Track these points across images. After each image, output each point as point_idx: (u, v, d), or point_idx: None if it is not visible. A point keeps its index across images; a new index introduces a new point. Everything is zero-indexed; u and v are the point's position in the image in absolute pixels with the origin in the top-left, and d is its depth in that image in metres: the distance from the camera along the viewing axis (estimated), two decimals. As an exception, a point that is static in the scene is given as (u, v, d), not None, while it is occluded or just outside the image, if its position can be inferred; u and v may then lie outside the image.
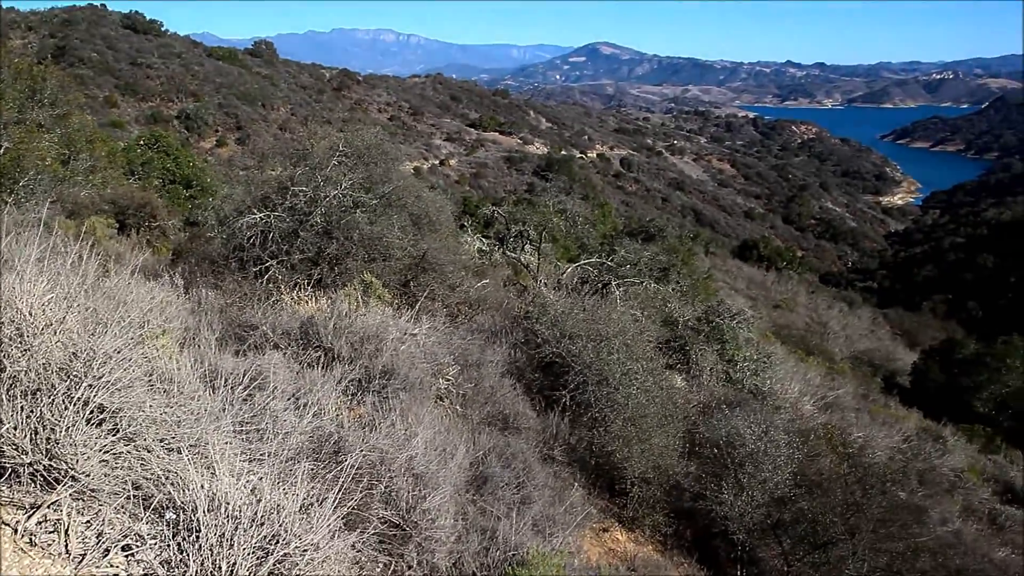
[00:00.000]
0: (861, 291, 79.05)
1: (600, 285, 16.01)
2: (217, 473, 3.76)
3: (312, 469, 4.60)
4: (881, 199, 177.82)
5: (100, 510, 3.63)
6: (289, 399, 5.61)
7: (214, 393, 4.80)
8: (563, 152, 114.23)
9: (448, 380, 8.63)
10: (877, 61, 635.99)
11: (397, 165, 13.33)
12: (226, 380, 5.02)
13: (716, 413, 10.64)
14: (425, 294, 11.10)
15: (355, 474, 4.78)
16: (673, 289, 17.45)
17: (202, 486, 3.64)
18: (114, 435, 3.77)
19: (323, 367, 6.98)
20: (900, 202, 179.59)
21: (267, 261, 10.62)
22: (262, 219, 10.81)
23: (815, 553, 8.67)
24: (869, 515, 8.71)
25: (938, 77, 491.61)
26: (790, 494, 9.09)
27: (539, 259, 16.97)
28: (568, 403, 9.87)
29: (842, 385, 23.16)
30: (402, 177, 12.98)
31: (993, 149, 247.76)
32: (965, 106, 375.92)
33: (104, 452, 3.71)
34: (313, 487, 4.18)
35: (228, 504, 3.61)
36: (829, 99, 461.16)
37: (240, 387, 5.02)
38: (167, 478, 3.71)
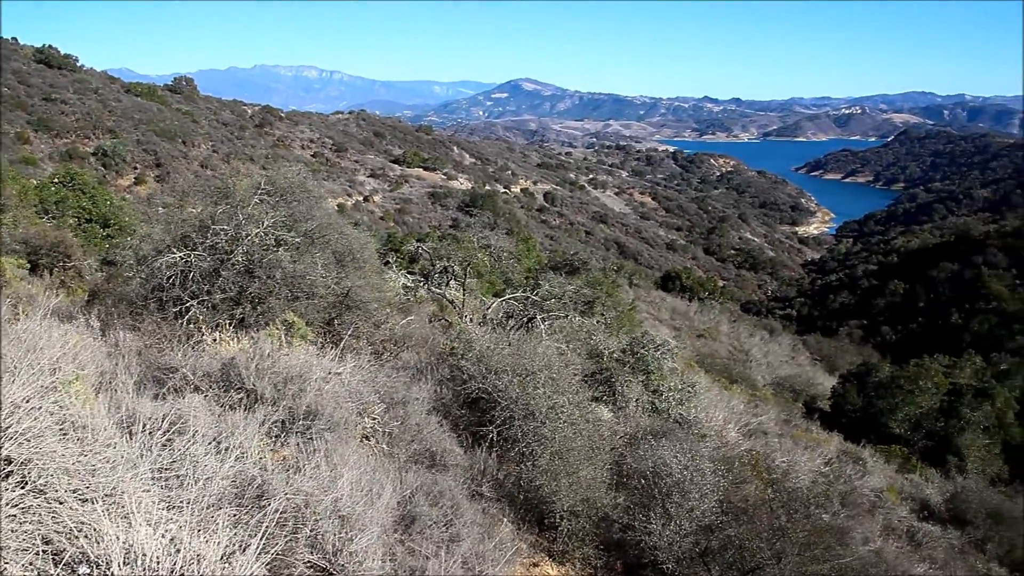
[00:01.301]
0: (781, 319, 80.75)
1: (525, 319, 16.06)
2: (133, 523, 3.64)
3: (235, 515, 4.50)
4: (797, 229, 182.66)
5: (5, 569, 3.48)
6: (210, 443, 5.48)
7: (131, 439, 4.67)
8: (487, 187, 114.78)
9: (374, 419, 8.53)
10: (790, 97, 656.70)
11: (320, 202, 13.22)
12: (144, 425, 4.89)
13: (642, 444, 10.72)
14: (349, 332, 10.99)
15: (279, 518, 4.69)
16: (598, 321, 17.60)
17: (117, 537, 3.52)
18: (22, 488, 3.63)
19: (245, 409, 6.85)
20: (815, 231, 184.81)
21: (187, 301, 10.40)
22: (182, 258, 10.60)
23: (743, 579, 8.76)
24: (794, 539, 8.83)
25: (847, 112, 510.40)
26: (717, 521, 9.17)
27: (464, 295, 16.96)
28: (495, 438, 9.84)
29: (765, 411, 23.51)
30: (325, 214, 12.87)
31: (900, 180, 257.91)
32: (872, 139, 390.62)
33: (11, 506, 3.57)
34: (236, 533, 4.08)
35: (145, 556, 3.50)
36: (745, 133, 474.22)
37: (159, 432, 4.90)
38: (80, 530, 3.58)
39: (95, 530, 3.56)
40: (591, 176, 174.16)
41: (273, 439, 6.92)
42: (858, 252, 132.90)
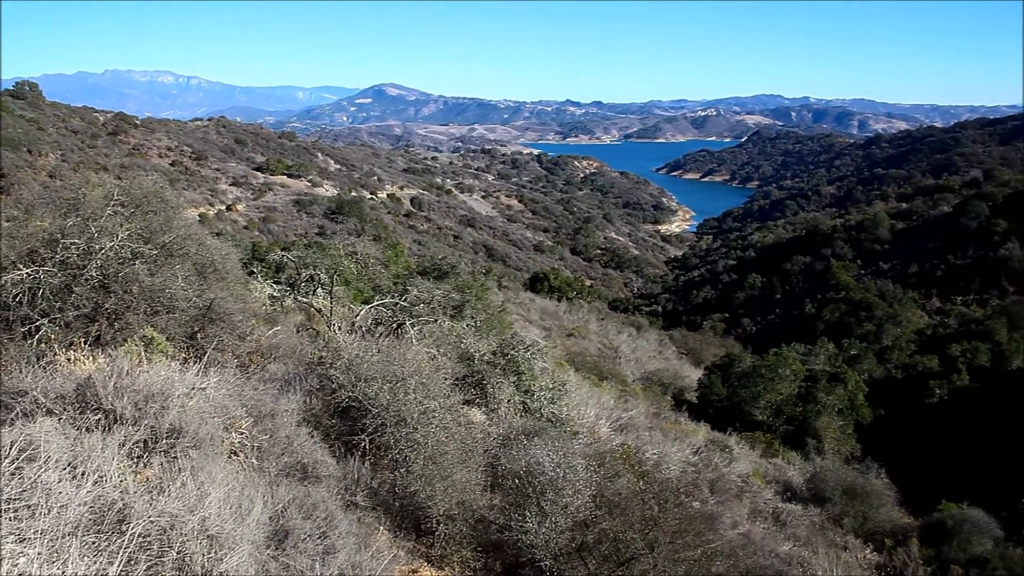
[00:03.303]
0: (648, 315, 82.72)
1: (395, 325, 15.97)
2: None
3: (93, 542, 4.31)
4: (660, 227, 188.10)
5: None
6: (64, 469, 5.24)
7: (-24, 470, 4.42)
8: (353, 193, 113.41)
9: (241, 433, 8.32)
10: (649, 99, 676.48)
11: (179, 212, 12.79)
12: (-10, 454, 4.63)
13: (515, 444, 10.82)
14: (213, 345, 10.69)
15: (143, 542, 4.52)
16: (468, 325, 17.67)
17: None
18: None
19: (104, 430, 6.57)
20: (677, 229, 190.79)
21: (37, 320, 9.89)
22: (29, 275, 10.07)
23: (619, 570, 8.92)
24: (666, 528, 9.07)
25: (703, 114, 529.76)
26: (591, 516, 9.32)
27: (332, 303, 16.73)
28: (368, 447, 9.75)
29: (635, 406, 23.97)
30: (185, 225, 12.45)
31: (754, 178, 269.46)
32: (728, 139, 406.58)
33: None
34: (95, 561, 3.92)
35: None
36: (607, 135, 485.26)
37: (7, 460, 4.65)
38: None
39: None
40: (458, 180, 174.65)
41: (135, 460, 6.66)
42: (718, 248, 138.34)
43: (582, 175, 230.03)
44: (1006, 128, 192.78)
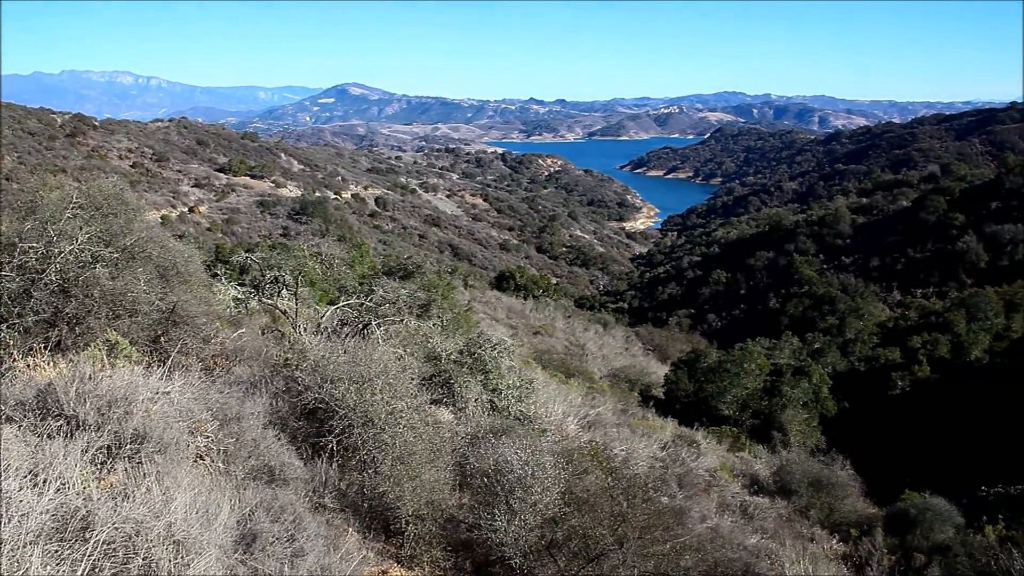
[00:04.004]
0: (614, 312, 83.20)
1: (361, 326, 15.91)
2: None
3: (56, 551, 4.25)
4: (625, 225, 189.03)
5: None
6: (25, 477, 5.16)
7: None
8: (317, 194, 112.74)
9: (207, 437, 8.24)
10: (612, 97, 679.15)
11: (140, 215, 12.62)
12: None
13: (483, 443, 10.83)
14: (177, 349, 10.58)
15: (107, 549, 4.47)
16: (434, 324, 17.65)
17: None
18: None
19: (66, 437, 6.48)
20: (642, 226, 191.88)
21: (-6, 326, 9.72)
22: (-14, 281, 9.90)
23: (589, 566, 8.94)
24: (635, 523, 9.11)
25: (666, 111, 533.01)
26: (560, 513, 9.35)
27: (297, 304, 16.62)
28: (335, 448, 9.70)
29: (602, 403, 24.03)
30: (146, 227, 12.29)
31: (717, 175, 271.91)
32: (691, 137, 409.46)
33: None
34: (58, 570, 3.87)
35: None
36: (571, 133, 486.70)
37: (-35, 469, 4.57)
38: None
39: None
40: (422, 180, 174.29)
41: (98, 466, 6.57)
42: (682, 245, 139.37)
43: (547, 173, 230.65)
44: (961, 124, 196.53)
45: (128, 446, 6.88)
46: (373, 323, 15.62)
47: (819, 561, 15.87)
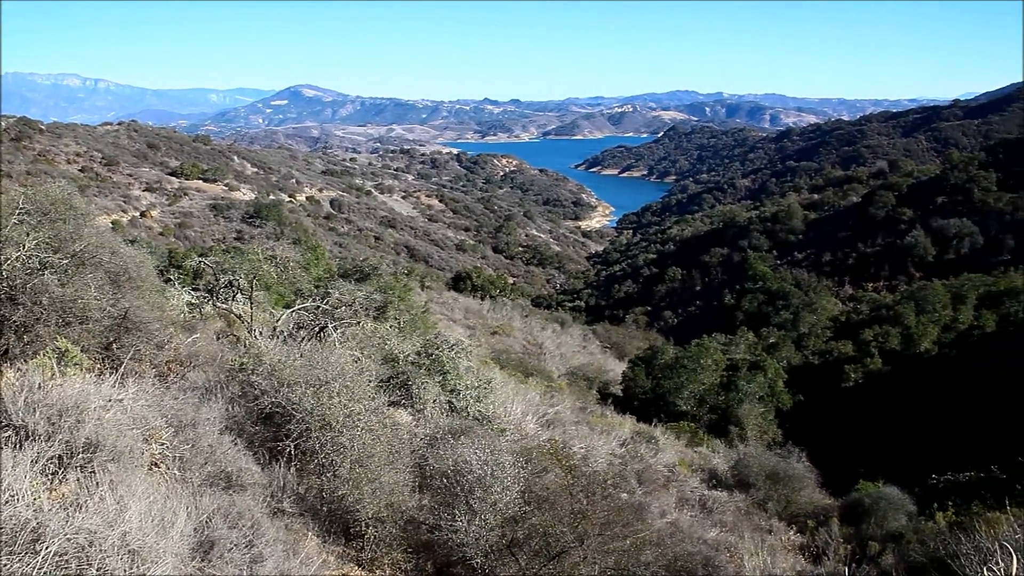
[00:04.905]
0: (571, 311, 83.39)
1: (317, 329, 15.80)
2: None
3: (5, 564, 4.18)
4: (580, 223, 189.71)
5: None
6: (-27, 489, 5.06)
7: None
8: (271, 197, 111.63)
9: (162, 444, 8.14)
10: (566, 97, 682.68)
11: (90, 220, 12.42)
12: None
13: (442, 443, 10.82)
14: (130, 355, 10.43)
15: (59, 561, 4.39)
16: (391, 326, 17.58)
17: None
18: None
19: (15, 447, 6.36)
20: (597, 225, 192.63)
21: (-61, 336, 9.51)
22: (-71, 290, 9.68)
23: (550, 564, 8.98)
24: (595, 520, 9.17)
25: (620, 110, 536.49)
26: (521, 512, 9.37)
27: (252, 308, 16.46)
28: (293, 452, 9.63)
29: (561, 401, 24.06)
30: (97, 233, 12.09)
31: (671, 173, 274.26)
32: (644, 135, 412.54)
33: None
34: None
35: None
36: (526, 133, 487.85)
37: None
38: None
39: None
40: (377, 181, 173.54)
41: (49, 477, 6.46)
42: (638, 243, 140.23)
43: (502, 173, 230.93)
44: (908, 121, 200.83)
45: (80, 455, 6.77)
46: (329, 326, 15.53)
47: (777, 552, 16.07)
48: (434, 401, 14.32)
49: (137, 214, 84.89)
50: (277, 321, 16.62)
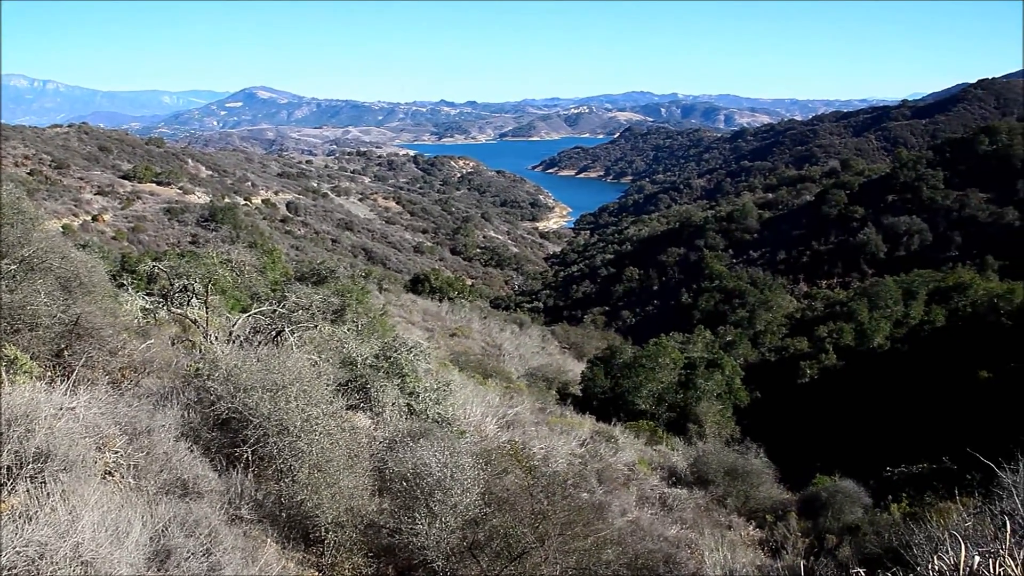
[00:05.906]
0: (529, 312, 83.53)
1: (274, 333, 15.65)
2: None
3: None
4: (538, 224, 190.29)
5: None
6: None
7: None
8: (227, 200, 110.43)
9: (116, 452, 8.00)
10: (523, 98, 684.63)
11: (39, 224, 12.20)
12: None
13: (402, 446, 10.76)
14: (82, 362, 10.24)
15: (9, 575, 4.30)
16: (349, 329, 17.46)
17: None
18: None
19: (-38, 459, 6.22)
20: (555, 226, 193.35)
21: None
22: None
23: (511, 565, 8.97)
24: (555, 520, 9.18)
25: (576, 111, 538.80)
26: (481, 513, 9.35)
27: (207, 313, 16.25)
28: (250, 458, 9.52)
29: (520, 402, 24.02)
30: (46, 237, 11.88)
31: (628, 173, 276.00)
32: (601, 136, 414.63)
33: None
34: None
35: None
36: (482, 134, 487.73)
37: None
38: None
39: None
40: (334, 183, 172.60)
41: (-2, 488, 6.33)
42: (595, 243, 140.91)
43: (459, 175, 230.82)
44: (858, 121, 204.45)
45: (30, 465, 6.63)
46: (286, 330, 15.38)
47: (737, 548, 16.23)
48: (393, 404, 14.24)
49: (89, 218, 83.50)
50: (233, 326, 16.42)
